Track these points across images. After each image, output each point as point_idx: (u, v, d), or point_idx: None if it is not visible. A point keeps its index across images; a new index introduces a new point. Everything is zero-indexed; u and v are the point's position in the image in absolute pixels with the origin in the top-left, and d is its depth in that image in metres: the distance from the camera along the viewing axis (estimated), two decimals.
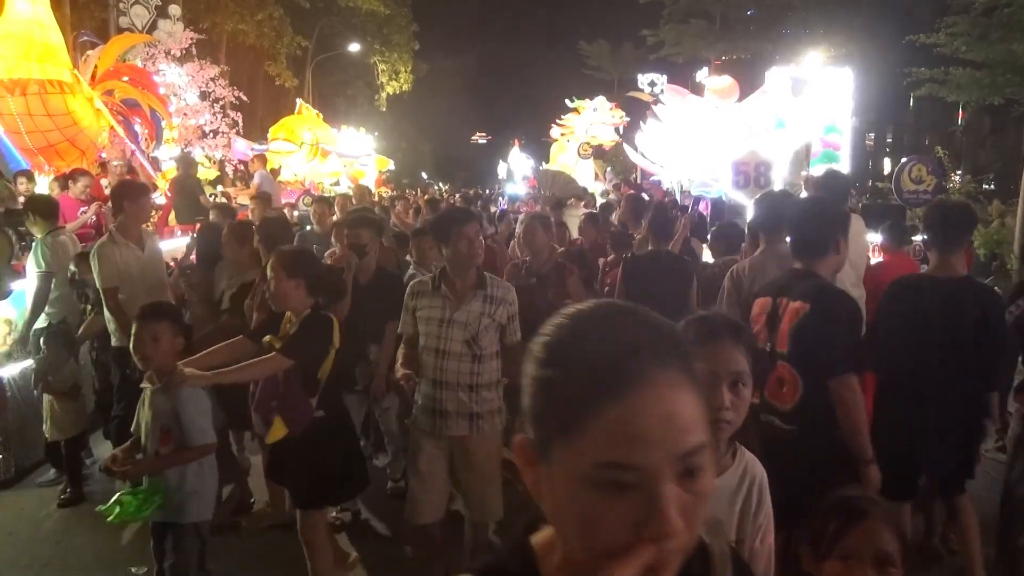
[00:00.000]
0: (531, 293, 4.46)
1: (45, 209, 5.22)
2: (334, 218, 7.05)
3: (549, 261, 4.88)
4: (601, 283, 5.53)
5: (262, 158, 13.95)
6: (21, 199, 8.18)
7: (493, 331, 3.32)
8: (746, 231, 5.27)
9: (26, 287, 5.09)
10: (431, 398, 3.32)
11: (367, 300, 4.30)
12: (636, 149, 13.44)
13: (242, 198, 11.08)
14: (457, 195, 21.98)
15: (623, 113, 23.31)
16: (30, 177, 8.36)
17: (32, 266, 4.97)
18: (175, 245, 7.60)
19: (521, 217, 7.28)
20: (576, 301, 0.81)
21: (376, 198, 15.35)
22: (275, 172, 15.89)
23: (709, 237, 5.44)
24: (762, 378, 2.73)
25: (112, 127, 10.02)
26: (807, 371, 2.75)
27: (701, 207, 11.37)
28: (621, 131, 23.07)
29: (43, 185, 8.62)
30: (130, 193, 4.88)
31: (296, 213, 11.19)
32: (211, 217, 6.73)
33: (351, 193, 10.53)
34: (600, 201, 12.31)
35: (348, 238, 4.49)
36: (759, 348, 2.74)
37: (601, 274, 5.59)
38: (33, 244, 5.17)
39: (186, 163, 10.57)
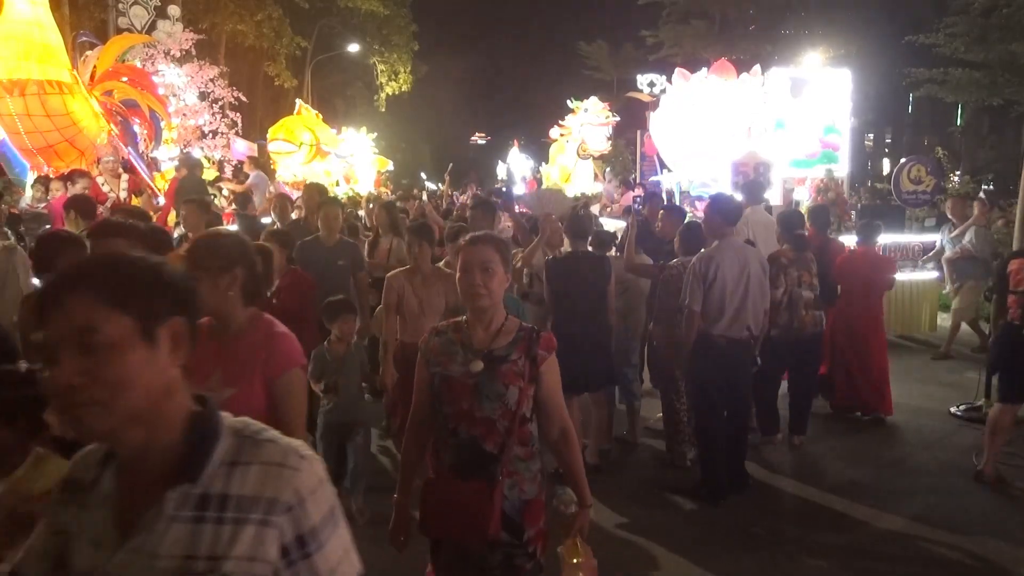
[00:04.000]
0: (472, 391, 2.38)
1: (84, 210, 4.99)
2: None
3: (508, 328, 2.45)
4: None
5: (254, 159, 13.96)
6: (24, 205, 8.23)
7: None
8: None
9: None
10: None
11: None
12: (641, 144, 13.43)
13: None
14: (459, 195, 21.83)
15: (609, 113, 23.22)
16: (43, 183, 8.40)
17: None
18: None
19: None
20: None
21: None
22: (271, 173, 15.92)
23: (677, 236, 5.46)
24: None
25: (110, 131, 9.94)
26: None
27: (701, 207, 11.35)
28: (610, 132, 22.98)
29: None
30: None
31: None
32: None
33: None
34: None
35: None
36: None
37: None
38: None
39: (190, 164, 10.15)
